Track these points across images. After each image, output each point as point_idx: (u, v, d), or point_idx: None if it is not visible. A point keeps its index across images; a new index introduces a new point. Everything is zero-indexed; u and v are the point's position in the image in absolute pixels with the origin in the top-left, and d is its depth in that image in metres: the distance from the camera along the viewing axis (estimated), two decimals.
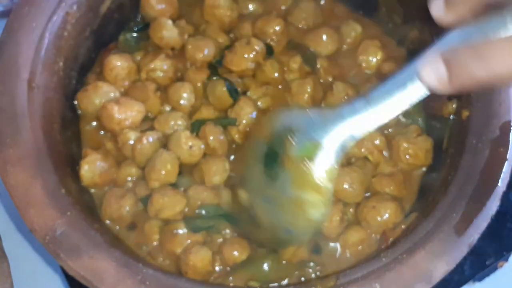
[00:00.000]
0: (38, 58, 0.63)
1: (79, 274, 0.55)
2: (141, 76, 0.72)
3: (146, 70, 0.72)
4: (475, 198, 0.59)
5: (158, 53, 0.72)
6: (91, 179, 0.66)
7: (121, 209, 0.65)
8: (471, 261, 0.72)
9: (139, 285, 0.54)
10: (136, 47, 0.75)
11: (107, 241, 0.57)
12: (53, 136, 0.63)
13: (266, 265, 0.63)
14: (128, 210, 0.65)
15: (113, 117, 0.67)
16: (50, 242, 0.56)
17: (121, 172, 0.68)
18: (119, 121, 0.67)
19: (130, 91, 0.71)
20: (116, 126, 0.68)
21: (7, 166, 0.58)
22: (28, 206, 0.57)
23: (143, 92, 0.70)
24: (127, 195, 0.65)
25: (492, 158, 0.60)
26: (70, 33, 0.68)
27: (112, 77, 0.71)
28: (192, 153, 0.67)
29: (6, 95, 0.61)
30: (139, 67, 0.73)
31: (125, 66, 0.71)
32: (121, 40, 0.76)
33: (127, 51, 0.75)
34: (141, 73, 0.72)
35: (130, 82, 0.72)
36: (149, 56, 0.73)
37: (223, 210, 0.65)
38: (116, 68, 0.70)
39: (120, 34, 0.76)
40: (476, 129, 0.62)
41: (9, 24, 0.64)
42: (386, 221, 0.65)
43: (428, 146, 0.69)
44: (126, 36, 0.76)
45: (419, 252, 0.57)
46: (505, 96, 0.62)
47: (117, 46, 0.76)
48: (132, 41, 0.76)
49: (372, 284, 0.55)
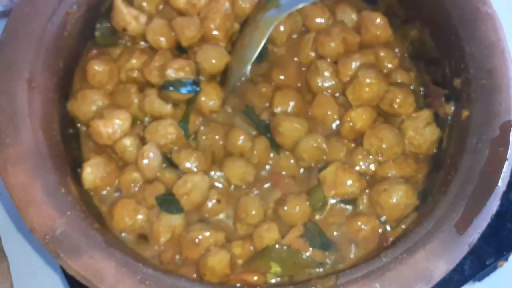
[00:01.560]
0: (38, 58, 0.63)
1: (79, 274, 0.55)
2: (121, 77, 0.71)
3: (125, 71, 0.71)
4: (475, 198, 0.59)
5: (133, 50, 0.71)
6: (93, 182, 0.66)
7: (135, 224, 0.65)
8: (471, 261, 0.72)
9: (139, 284, 0.55)
10: (113, 40, 0.74)
11: (107, 241, 0.57)
12: (53, 136, 0.63)
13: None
14: (141, 222, 0.65)
15: (101, 134, 0.67)
16: (50, 241, 0.56)
17: (125, 178, 0.68)
18: (108, 135, 0.67)
19: (114, 95, 0.71)
20: (108, 141, 0.67)
21: (7, 165, 0.58)
22: (28, 205, 0.57)
23: (126, 96, 0.70)
24: (140, 209, 0.66)
25: (492, 158, 0.60)
26: (70, 33, 0.68)
27: (96, 82, 0.70)
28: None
29: (6, 95, 0.61)
30: (118, 66, 0.72)
31: (106, 70, 0.70)
32: (98, 36, 0.74)
33: (105, 43, 0.74)
34: (121, 74, 0.71)
35: (114, 84, 0.72)
36: (125, 54, 0.72)
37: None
38: (98, 73, 0.70)
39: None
40: (476, 129, 0.62)
41: (9, 24, 0.64)
42: (399, 203, 0.65)
43: (434, 138, 0.69)
44: (101, 31, 0.74)
45: (419, 251, 0.57)
46: (505, 96, 0.62)
47: (95, 42, 0.74)
48: (107, 34, 0.74)
49: (372, 283, 0.56)
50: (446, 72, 0.69)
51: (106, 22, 0.74)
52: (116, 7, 0.72)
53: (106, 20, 0.74)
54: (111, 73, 0.71)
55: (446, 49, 0.68)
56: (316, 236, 0.65)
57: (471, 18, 0.65)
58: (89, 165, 0.66)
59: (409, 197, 0.66)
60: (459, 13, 0.65)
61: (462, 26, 0.65)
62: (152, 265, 0.60)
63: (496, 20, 0.65)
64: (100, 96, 0.69)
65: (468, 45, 0.64)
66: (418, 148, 0.69)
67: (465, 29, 0.65)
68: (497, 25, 0.64)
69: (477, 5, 0.65)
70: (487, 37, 0.64)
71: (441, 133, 0.69)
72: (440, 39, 0.69)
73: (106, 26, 0.74)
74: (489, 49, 0.64)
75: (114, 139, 0.67)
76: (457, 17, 0.65)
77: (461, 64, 0.65)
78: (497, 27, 0.64)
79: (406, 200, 0.65)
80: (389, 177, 0.68)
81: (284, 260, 0.64)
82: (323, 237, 0.65)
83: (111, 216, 0.65)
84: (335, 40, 0.72)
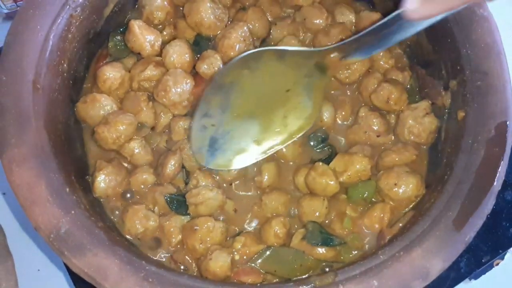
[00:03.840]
0: (42, 60, 0.64)
1: (83, 272, 0.56)
2: (133, 86, 0.72)
3: (138, 80, 0.72)
4: (471, 197, 0.60)
5: (148, 62, 0.72)
6: (104, 192, 0.67)
7: (147, 231, 0.66)
8: (467, 259, 0.73)
9: (142, 282, 0.55)
10: (126, 51, 0.75)
11: (110, 239, 0.58)
12: (57, 136, 0.64)
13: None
14: (152, 227, 0.66)
15: (107, 139, 0.68)
16: (54, 240, 0.57)
17: (136, 179, 0.69)
18: (113, 140, 0.68)
19: (124, 102, 0.72)
20: (113, 146, 0.68)
21: (12, 165, 0.59)
22: (33, 204, 0.58)
23: (136, 104, 0.70)
24: (151, 216, 0.66)
25: (488, 158, 0.61)
26: (74, 36, 0.69)
27: (106, 88, 0.71)
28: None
29: (11, 96, 0.61)
30: (131, 75, 0.72)
31: (117, 77, 0.71)
32: (111, 45, 0.75)
33: (118, 56, 0.74)
34: (133, 82, 0.72)
35: (124, 91, 0.72)
36: (139, 65, 0.72)
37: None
38: (109, 79, 0.70)
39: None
40: (472, 129, 0.63)
41: (14, 26, 0.64)
42: (409, 194, 0.66)
43: (433, 128, 0.70)
44: (114, 41, 0.75)
45: (416, 249, 0.58)
46: (500, 97, 0.63)
47: (108, 52, 0.75)
48: (121, 45, 0.75)
49: (370, 280, 0.56)
50: (442, 73, 0.70)
51: (118, 36, 0.75)
52: (132, 32, 0.72)
53: (119, 35, 0.75)
54: (122, 79, 0.71)
55: (442, 51, 0.69)
56: (316, 234, 0.66)
57: (467, 21, 0.66)
58: (100, 174, 0.67)
59: (419, 188, 0.67)
60: (455, 16, 0.66)
61: (458, 28, 0.66)
62: (155, 262, 0.60)
63: (492, 22, 0.65)
64: (110, 102, 0.70)
65: (464, 47, 0.65)
66: (418, 137, 0.70)
67: (461, 32, 0.66)
68: (492, 27, 0.65)
69: (473, 7, 0.66)
70: (483, 39, 0.65)
71: (439, 123, 0.70)
72: (436, 41, 0.70)
73: (119, 39, 0.75)
74: (484, 51, 0.64)
75: (119, 144, 0.68)
76: (453, 19, 0.66)
77: (457, 66, 0.66)
78: (492, 30, 0.65)
79: (417, 192, 0.67)
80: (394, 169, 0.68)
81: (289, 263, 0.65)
82: (324, 234, 0.66)
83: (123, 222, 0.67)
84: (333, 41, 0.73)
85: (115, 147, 0.69)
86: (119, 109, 0.70)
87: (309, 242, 0.65)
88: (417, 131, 0.70)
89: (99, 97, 0.69)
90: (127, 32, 0.72)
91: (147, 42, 0.72)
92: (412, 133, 0.70)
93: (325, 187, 0.67)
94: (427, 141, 0.71)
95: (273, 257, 0.65)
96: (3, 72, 0.62)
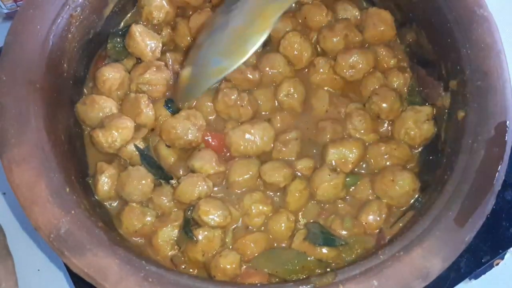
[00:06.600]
0: (42, 60, 0.64)
1: (83, 272, 0.56)
2: (131, 88, 0.72)
3: (136, 83, 0.71)
4: (471, 197, 0.60)
5: (149, 66, 0.71)
6: (107, 194, 0.67)
7: (144, 228, 0.66)
8: (467, 259, 0.73)
9: (142, 281, 0.55)
10: (125, 53, 0.74)
11: (110, 239, 0.58)
12: (57, 136, 0.64)
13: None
14: (150, 223, 0.66)
15: (102, 144, 0.67)
16: (54, 240, 0.57)
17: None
18: (109, 145, 0.68)
19: (123, 104, 0.71)
20: (109, 149, 0.68)
21: (12, 165, 0.59)
22: (33, 204, 0.58)
23: (136, 105, 0.70)
24: (148, 212, 0.67)
25: (488, 158, 0.61)
26: (74, 36, 0.69)
27: (106, 89, 0.71)
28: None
29: (11, 96, 0.61)
30: (130, 77, 0.72)
31: (117, 77, 0.71)
32: (110, 47, 0.75)
33: (117, 57, 0.74)
34: (131, 84, 0.72)
35: (124, 92, 0.72)
36: (139, 68, 0.72)
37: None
38: (108, 80, 0.70)
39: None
40: (472, 129, 0.63)
41: (14, 26, 0.64)
42: (407, 190, 0.67)
43: (429, 135, 0.71)
44: (113, 42, 0.74)
45: (416, 249, 0.58)
46: (500, 97, 0.63)
47: (107, 53, 0.75)
48: (120, 47, 0.74)
49: (370, 280, 0.56)
50: (442, 73, 0.70)
51: (117, 38, 0.74)
52: (133, 37, 0.71)
53: (118, 36, 0.74)
54: (122, 80, 0.71)
55: (442, 52, 0.69)
56: (318, 235, 0.66)
57: (467, 21, 0.66)
58: (102, 177, 0.67)
59: (414, 182, 0.68)
60: (455, 16, 0.66)
61: (458, 28, 0.66)
62: (155, 262, 0.60)
63: (492, 22, 0.66)
64: (109, 103, 0.70)
65: (464, 47, 0.65)
66: (412, 140, 0.71)
67: (461, 32, 0.66)
68: (492, 27, 0.65)
69: (473, 8, 0.66)
70: (483, 39, 0.65)
71: (437, 131, 0.70)
72: (437, 41, 0.70)
73: (118, 41, 0.74)
74: (484, 51, 0.64)
75: (115, 148, 0.68)
76: (453, 20, 0.66)
77: (457, 66, 0.66)
78: (492, 30, 0.65)
79: (414, 185, 0.67)
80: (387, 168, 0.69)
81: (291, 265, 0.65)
82: (325, 234, 0.66)
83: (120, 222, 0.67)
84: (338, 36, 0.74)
85: (111, 151, 0.68)
86: (118, 111, 0.70)
87: (311, 242, 0.65)
88: (413, 134, 0.71)
89: (98, 99, 0.69)
90: (127, 36, 0.72)
91: (148, 48, 0.72)
92: (408, 135, 0.71)
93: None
94: (419, 145, 0.72)
95: (275, 259, 0.65)
96: (3, 72, 0.62)
